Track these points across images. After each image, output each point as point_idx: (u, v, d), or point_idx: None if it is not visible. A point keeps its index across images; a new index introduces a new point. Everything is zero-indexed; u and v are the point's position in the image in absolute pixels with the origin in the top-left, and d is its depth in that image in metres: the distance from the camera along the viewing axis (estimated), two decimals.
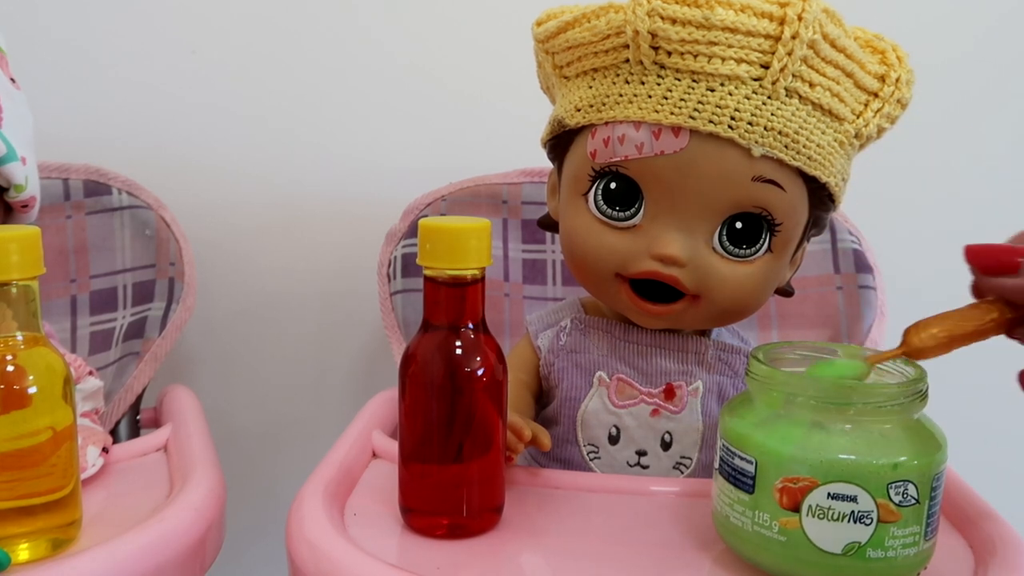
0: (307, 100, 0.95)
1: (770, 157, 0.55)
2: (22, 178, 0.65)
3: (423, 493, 0.52)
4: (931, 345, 0.48)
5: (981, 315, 0.49)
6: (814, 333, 0.81)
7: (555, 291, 0.86)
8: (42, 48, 0.91)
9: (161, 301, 0.83)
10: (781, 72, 0.54)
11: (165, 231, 0.84)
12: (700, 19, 0.54)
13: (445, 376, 0.50)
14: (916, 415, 0.46)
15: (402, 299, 0.82)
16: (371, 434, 0.64)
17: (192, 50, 0.93)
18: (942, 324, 0.49)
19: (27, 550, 0.47)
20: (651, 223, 0.58)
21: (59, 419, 0.48)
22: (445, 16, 0.94)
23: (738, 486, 0.47)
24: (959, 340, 0.49)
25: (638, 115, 0.56)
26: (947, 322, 0.49)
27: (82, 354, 0.81)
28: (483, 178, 0.86)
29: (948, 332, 0.48)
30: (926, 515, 0.44)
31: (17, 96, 0.69)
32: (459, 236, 0.49)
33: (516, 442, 0.55)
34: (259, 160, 0.96)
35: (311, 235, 0.98)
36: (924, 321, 0.49)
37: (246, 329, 1.00)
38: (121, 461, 0.62)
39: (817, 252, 0.82)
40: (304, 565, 0.48)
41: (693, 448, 0.63)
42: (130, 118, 0.94)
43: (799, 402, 0.46)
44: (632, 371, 0.64)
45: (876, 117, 0.58)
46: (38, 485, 0.47)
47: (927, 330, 0.49)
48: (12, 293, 0.46)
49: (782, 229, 0.58)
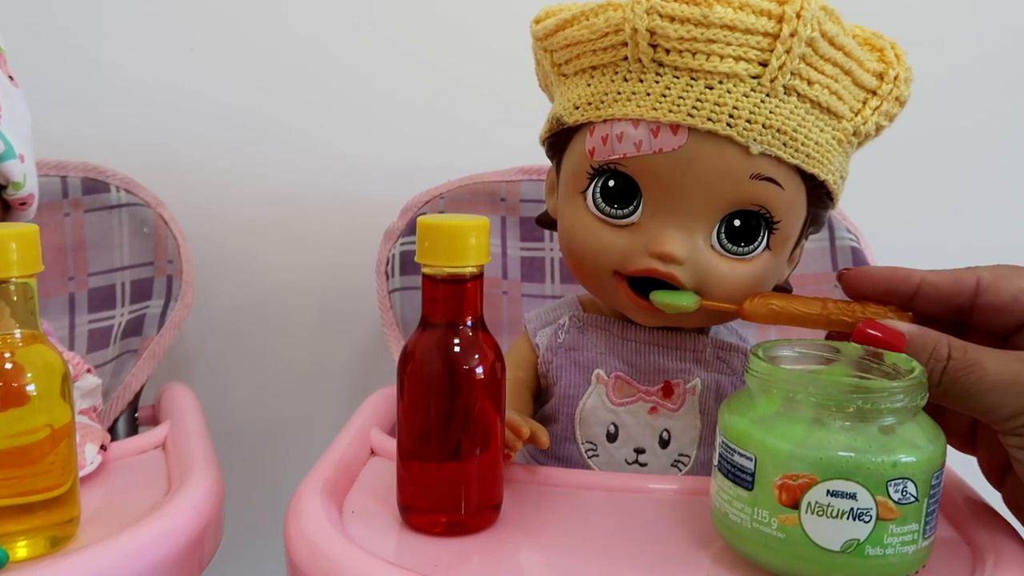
0: (306, 98, 0.95)
1: (768, 155, 0.55)
2: (20, 175, 0.65)
3: (421, 491, 0.52)
4: (759, 312, 0.56)
5: (818, 309, 0.54)
6: (813, 331, 0.81)
7: (553, 289, 0.86)
8: (41, 46, 0.91)
9: (159, 299, 0.83)
10: (779, 70, 0.54)
11: (163, 229, 0.84)
12: (699, 17, 0.54)
13: (443, 374, 0.50)
14: (916, 412, 0.46)
15: (400, 297, 0.82)
16: (369, 432, 0.64)
17: (190, 48, 0.93)
18: (780, 299, 0.56)
19: (25, 547, 0.47)
20: (649, 221, 0.58)
21: (57, 417, 0.48)
22: (444, 14, 0.94)
23: (737, 483, 0.47)
24: (783, 317, 0.55)
25: (636, 113, 0.56)
26: (785, 300, 0.55)
27: (80, 352, 0.81)
28: (481, 176, 0.86)
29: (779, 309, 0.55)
30: (925, 513, 0.45)
31: (15, 93, 0.69)
32: (457, 234, 0.49)
33: (514, 440, 0.55)
34: (257, 158, 0.96)
35: (309, 233, 0.98)
36: (771, 292, 0.58)
37: (244, 327, 1.00)
38: (119, 459, 0.62)
39: (815, 250, 0.82)
40: (302, 563, 0.48)
41: (691, 446, 0.63)
42: (128, 116, 0.94)
43: (799, 399, 0.46)
44: (630, 369, 0.64)
45: (874, 115, 0.58)
46: (36, 483, 0.47)
47: (766, 299, 0.56)
48: (10, 291, 0.46)
49: (780, 227, 0.58)
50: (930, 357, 0.48)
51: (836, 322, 0.54)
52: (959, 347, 0.48)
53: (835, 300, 0.55)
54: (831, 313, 0.54)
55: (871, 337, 0.50)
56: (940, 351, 0.48)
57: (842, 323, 0.54)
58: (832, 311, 0.54)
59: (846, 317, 0.54)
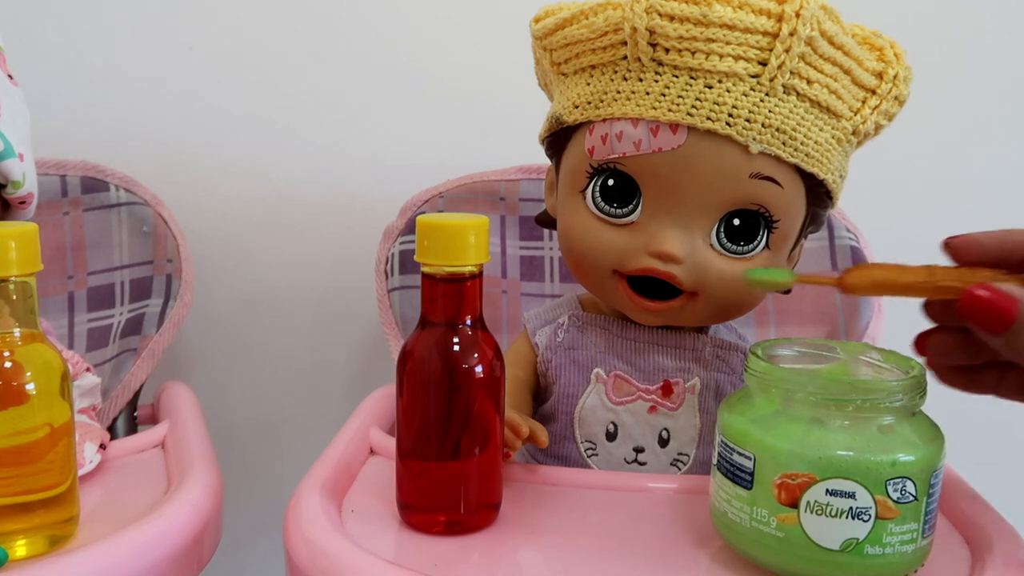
0: (305, 97, 0.95)
1: (767, 154, 0.55)
2: (19, 174, 0.65)
3: (420, 489, 0.52)
4: (861, 284, 0.50)
5: (924, 276, 0.49)
6: (812, 330, 0.81)
7: (553, 288, 0.86)
8: (40, 45, 0.91)
9: (158, 297, 0.83)
10: (779, 69, 0.54)
11: (162, 227, 0.84)
12: (698, 16, 0.54)
13: (443, 373, 0.50)
14: (914, 412, 0.46)
15: (400, 296, 0.82)
16: (368, 431, 0.64)
17: (189, 46, 0.93)
18: (882, 269, 0.50)
19: (24, 546, 0.47)
20: (649, 220, 0.58)
21: (56, 415, 0.48)
22: (443, 13, 0.94)
23: (736, 482, 0.47)
24: (888, 288, 0.50)
25: (636, 112, 0.56)
26: (887, 270, 0.50)
27: (79, 351, 0.81)
28: (481, 175, 0.86)
29: (881, 280, 0.50)
30: (924, 512, 0.45)
31: (15, 92, 0.69)
32: (457, 233, 0.49)
33: (514, 439, 0.55)
34: (257, 157, 0.96)
35: (309, 232, 0.98)
36: (873, 264, 0.52)
37: (243, 326, 1.00)
38: (118, 457, 0.62)
39: (815, 249, 0.82)
40: (301, 562, 0.48)
41: (690, 445, 0.63)
42: (127, 115, 0.94)
43: (798, 398, 0.46)
44: (629, 368, 0.64)
45: (874, 114, 0.58)
46: (35, 481, 0.47)
47: (868, 270, 0.50)
48: (9, 289, 0.46)
49: (780, 226, 0.58)
50: None
51: (945, 288, 0.49)
52: None
53: (942, 267, 0.50)
54: (939, 280, 0.49)
55: (981, 301, 0.46)
56: None
57: (951, 289, 0.49)
58: (940, 278, 0.49)
59: (956, 283, 0.49)
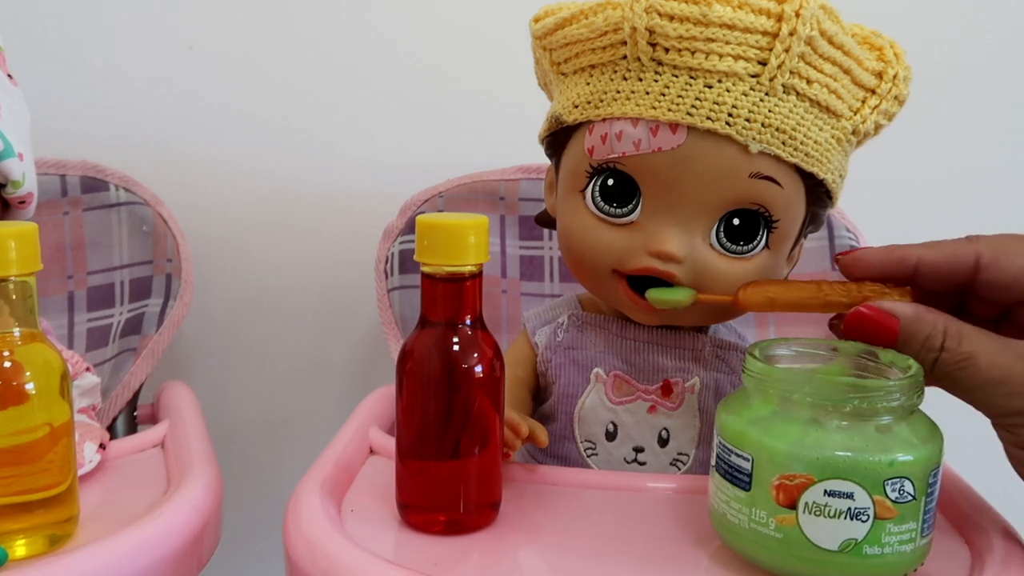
0: (305, 96, 0.95)
1: (767, 154, 0.55)
2: (19, 174, 0.65)
3: (420, 489, 0.52)
4: (754, 301, 0.55)
5: (813, 292, 0.53)
6: (811, 330, 0.81)
7: (552, 288, 0.86)
8: (39, 44, 0.91)
9: (158, 297, 0.83)
10: (779, 68, 0.54)
11: (162, 227, 0.84)
12: (698, 15, 0.54)
13: (442, 372, 0.50)
14: (913, 411, 0.46)
15: (399, 295, 0.82)
16: (368, 430, 0.64)
17: (189, 46, 0.93)
18: (774, 285, 0.55)
19: (24, 546, 0.47)
20: (648, 220, 0.58)
21: (56, 415, 0.48)
22: (443, 13, 0.94)
23: (734, 483, 0.47)
24: (779, 304, 0.54)
25: (635, 111, 0.56)
26: (780, 286, 0.55)
27: (79, 350, 0.81)
28: (480, 175, 0.86)
29: (773, 295, 0.54)
30: (923, 512, 0.45)
31: (14, 92, 0.69)
32: (457, 232, 0.49)
33: (513, 438, 0.55)
34: (256, 156, 0.96)
35: (308, 231, 0.98)
36: (765, 280, 0.56)
37: (243, 325, 1.00)
38: (118, 457, 0.62)
39: (814, 249, 0.82)
40: (301, 561, 0.48)
41: (690, 445, 0.63)
42: (127, 114, 0.94)
43: (796, 399, 0.46)
44: (629, 368, 0.64)
45: (873, 114, 0.58)
46: (35, 481, 0.47)
47: (762, 287, 0.55)
48: (9, 289, 0.46)
49: (779, 226, 0.58)
50: (922, 346, 0.48)
51: (833, 304, 0.52)
52: (954, 336, 0.47)
53: (831, 282, 0.53)
54: (827, 295, 0.52)
55: (866, 318, 0.49)
56: (933, 340, 0.47)
57: (839, 304, 0.52)
58: (828, 293, 0.52)
59: (843, 298, 0.52)
